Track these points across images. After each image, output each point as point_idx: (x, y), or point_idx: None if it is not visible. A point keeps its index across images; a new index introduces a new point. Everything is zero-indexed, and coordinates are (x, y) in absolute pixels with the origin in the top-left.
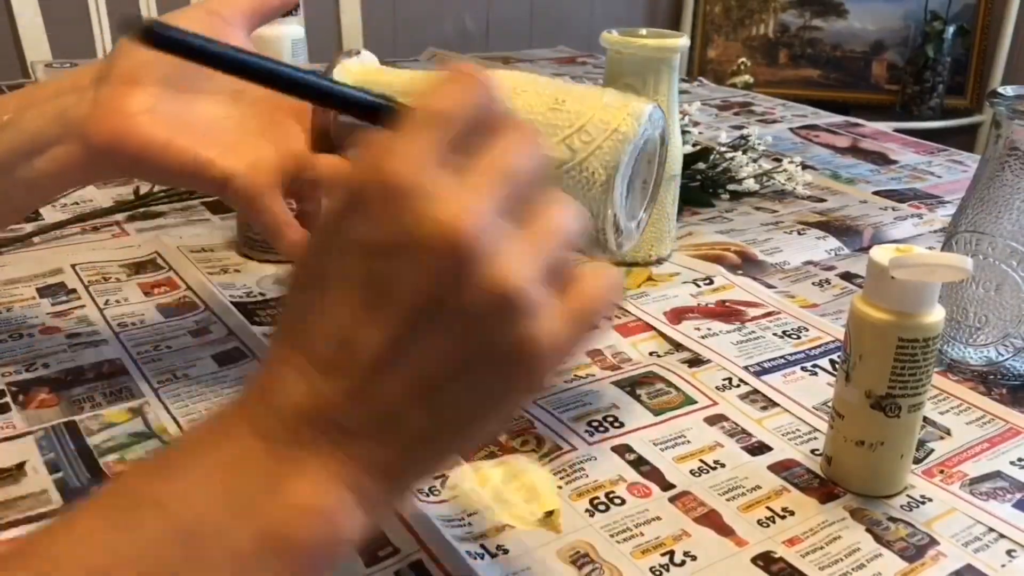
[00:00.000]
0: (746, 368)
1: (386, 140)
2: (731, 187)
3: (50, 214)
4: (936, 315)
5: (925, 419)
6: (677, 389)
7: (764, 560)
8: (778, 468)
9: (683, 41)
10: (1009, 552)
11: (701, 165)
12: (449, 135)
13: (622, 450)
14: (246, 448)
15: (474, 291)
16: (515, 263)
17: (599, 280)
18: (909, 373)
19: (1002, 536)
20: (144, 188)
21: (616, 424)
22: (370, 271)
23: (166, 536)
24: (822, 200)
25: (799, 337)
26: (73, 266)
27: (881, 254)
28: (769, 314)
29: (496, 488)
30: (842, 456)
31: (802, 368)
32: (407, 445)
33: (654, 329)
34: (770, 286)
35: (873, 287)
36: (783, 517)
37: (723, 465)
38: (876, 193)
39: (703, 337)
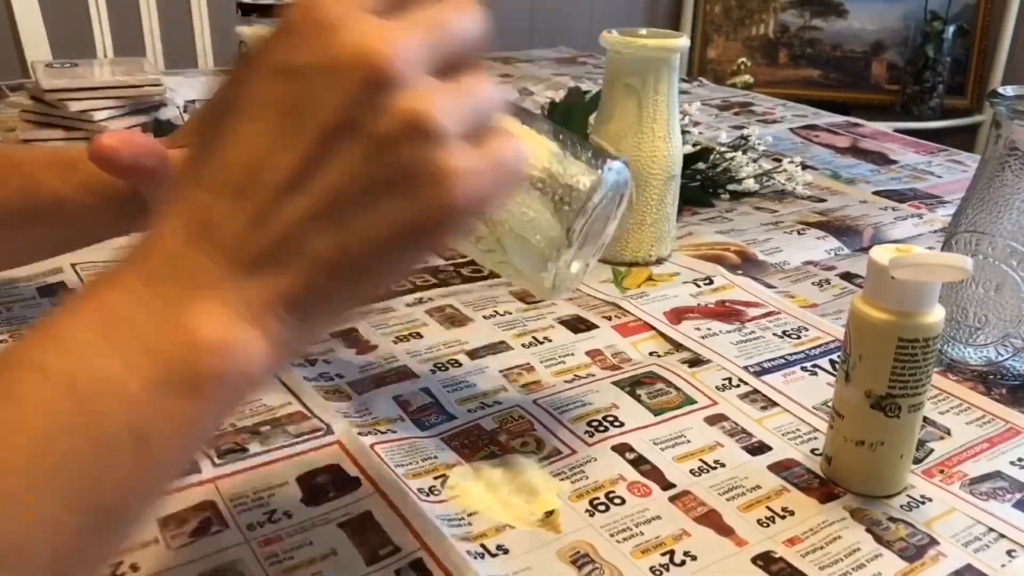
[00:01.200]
0: (746, 368)
1: None
2: (731, 187)
3: None
4: (936, 315)
5: (925, 419)
6: (677, 389)
7: (764, 560)
8: (778, 468)
9: (683, 41)
10: (1009, 552)
11: (701, 165)
12: None
13: (622, 450)
14: (129, 293)
15: (387, 113)
16: (430, 95)
17: (512, 142)
18: (909, 373)
19: (1002, 536)
20: None
21: (616, 424)
22: (287, 93)
23: (53, 395)
24: (822, 200)
25: (799, 337)
26: (73, 266)
27: (881, 254)
28: (769, 314)
29: (496, 488)
30: (842, 456)
31: (802, 368)
32: (311, 272)
33: (654, 329)
34: (770, 286)
35: (873, 287)
36: (783, 517)
37: (723, 465)
38: (876, 193)
39: (703, 337)
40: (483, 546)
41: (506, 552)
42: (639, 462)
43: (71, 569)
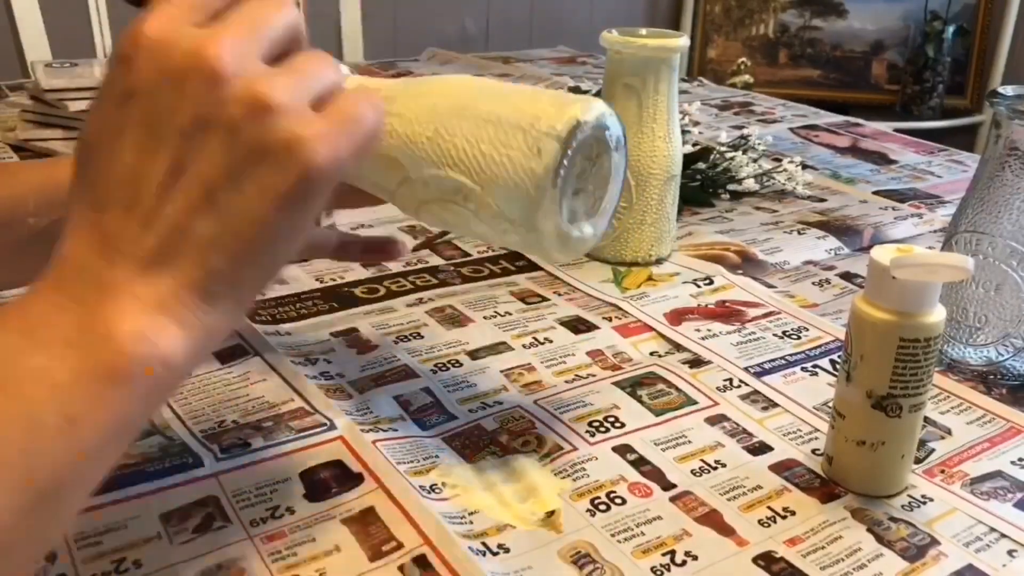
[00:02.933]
0: (746, 369)
1: (147, 11)
2: (731, 187)
3: None
4: (937, 315)
5: (926, 419)
6: (678, 390)
7: (765, 560)
8: (779, 468)
9: (683, 41)
10: (1010, 552)
11: (701, 165)
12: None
13: (623, 450)
14: (44, 299)
15: (230, 101)
16: (263, 77)
17: (357, 98)
18: (910, 373)
19: (1003, 536)
20: None
21: (617, 424)
22: (140, 111)
23: None
24: (822, 200)
25: (799, 337)
26: None
27: (882, 254)
28: (769, 314)
29: (497, 488)
30: (843, 456)
31: (802, 368)
32: (205, 257)
33: (654, 331)
34: (770, 286)
35: (874, 287)
36: (784, 517)
37: (724, 465)
38: (876, 193)
39: (703, 338)
40: (484, 544)
41: (507, 551)
42: (640, 462)
43: (12, 547)
